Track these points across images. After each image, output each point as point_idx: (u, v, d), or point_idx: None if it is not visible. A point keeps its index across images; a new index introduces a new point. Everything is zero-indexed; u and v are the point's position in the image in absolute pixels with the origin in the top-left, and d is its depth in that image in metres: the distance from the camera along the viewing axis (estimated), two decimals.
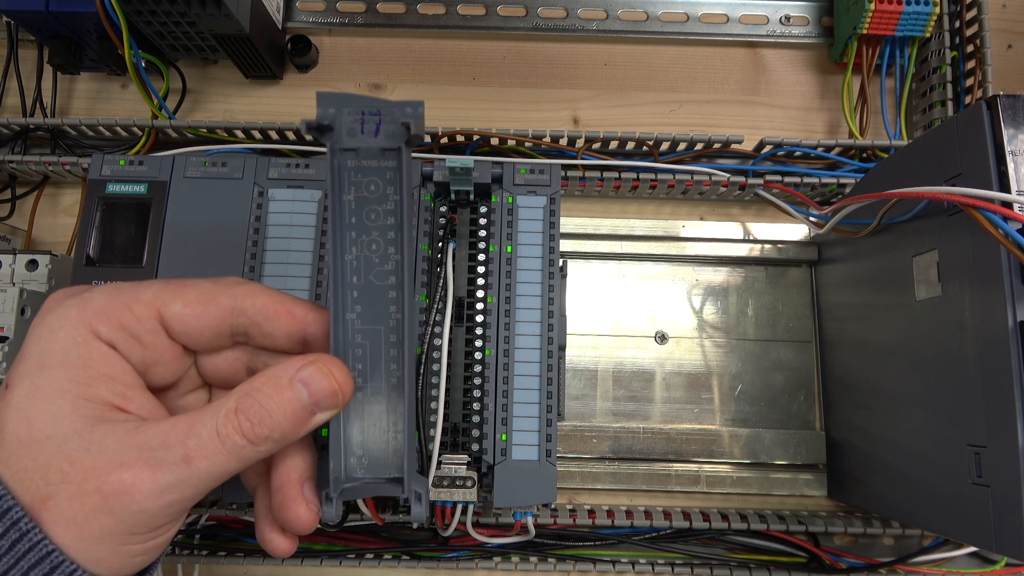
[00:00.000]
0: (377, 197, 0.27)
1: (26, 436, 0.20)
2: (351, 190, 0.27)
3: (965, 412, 0.30)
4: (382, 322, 0.27)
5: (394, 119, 0.26)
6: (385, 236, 0.27)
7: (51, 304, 0.23)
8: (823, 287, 0.47)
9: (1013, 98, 0.29)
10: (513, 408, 0.35)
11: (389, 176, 0.27)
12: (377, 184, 0.27)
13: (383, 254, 0.27)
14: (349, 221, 0.27)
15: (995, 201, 0.28)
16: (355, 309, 0.27)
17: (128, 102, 0.51)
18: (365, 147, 0.26)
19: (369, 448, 0.27)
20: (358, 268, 0.27)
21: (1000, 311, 0.28)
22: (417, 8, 0.51)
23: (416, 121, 0.26)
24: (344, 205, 0.27)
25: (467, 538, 0.39)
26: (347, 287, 0.27)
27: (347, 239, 0.27)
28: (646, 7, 0.52)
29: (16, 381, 0.21)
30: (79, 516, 0.20)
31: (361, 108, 0.26)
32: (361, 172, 0.26)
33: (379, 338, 0.27)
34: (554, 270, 0.37)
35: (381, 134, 0.26)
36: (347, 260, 0.27)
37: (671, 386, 0.47)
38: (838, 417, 0.45)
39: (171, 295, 0.23)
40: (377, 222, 0.27)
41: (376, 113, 0.26)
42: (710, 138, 0.44)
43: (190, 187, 0.37)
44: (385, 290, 0.27)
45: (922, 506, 0.34)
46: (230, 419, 0.22)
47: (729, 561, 0.43)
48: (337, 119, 0.26)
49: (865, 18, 0.46)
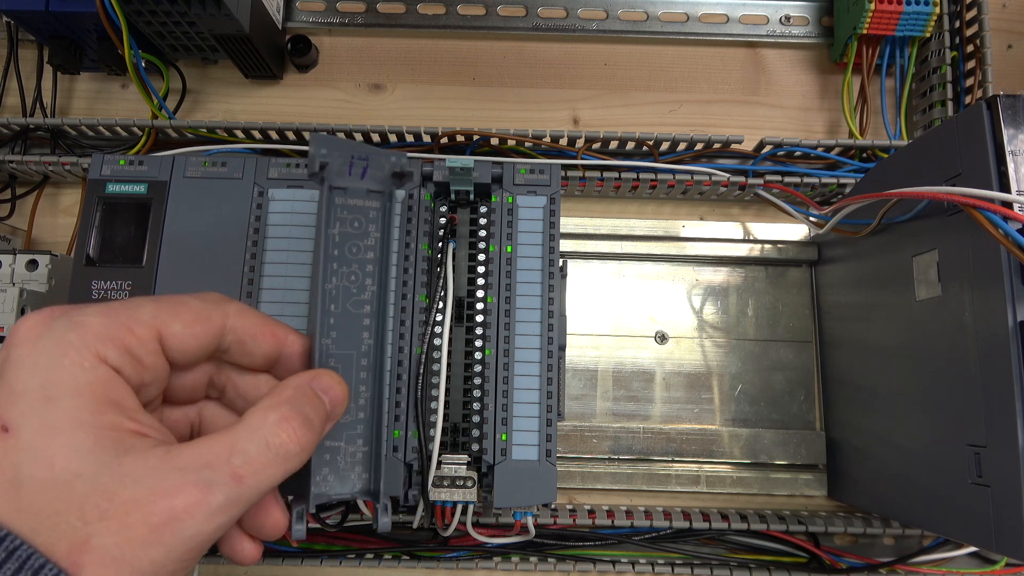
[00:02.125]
0: (359, 233, 0.30)
1: (49, 478, 0.19)
2: (336, 225, 0.30)
3: (965, 412, 0.30)
4: (355, 347, 0.30)
5: (380, 166, 0.29)
6: (364, 269, 0.30)
7: (36, 329, 0.21)
8: (823, 287, 0.47)
9: (1013, 98, 0.29)
10: (513, 408, 0.35)
11: (372, 215, 0.30)
12: (361, 221, 0.30)
13: (360, 285, 0.30)
14: (332, 253, 0.29)
15: (995, 201, 0.28)
16: (331, 335, 0.29)
17: (128, 102, 0.51)
18: (353, 187, 0.29)
19: (338, 465, 0.29)
20: (336, 296, 0.29)
21: (1000, 311, 0.28)
22: (417, 8, 0.51)
23: (403, 167, 0.29)
24: (329, 238, 0.29)
25: (467, 538, 0.39)
26: (325, 313, 0.29)
27: (329, 269, 0.29)
28: (646, 7, 0.52)
29: (20, 419, 0.20)
30: (126, 552, 0.19)
31: (351, 152, 0.29)
32: (347, 210, 0.30)
33: (351, 362, 0.29)
34: (554, 270, 0.37)
35: (368, 178, 0.29)
36: (327, 289, 0.29)
37: (671, 386, 0.47)
38: (838, 417, 0.45)
39: (169, 315, 0.23)
40: (358, 256, 0.30)
41: (364, 158, 0.29)
42: (710, 138, 0.44)
43: (190, 187, 0.37)
44: (360, 318, 0.30)
45: (922, 506, 0.34)
46: (283, 428, 0.22)
47: (729, 561, 0.43)
48: (330, 160, 0.29)
49: (865, 18, 0.46)
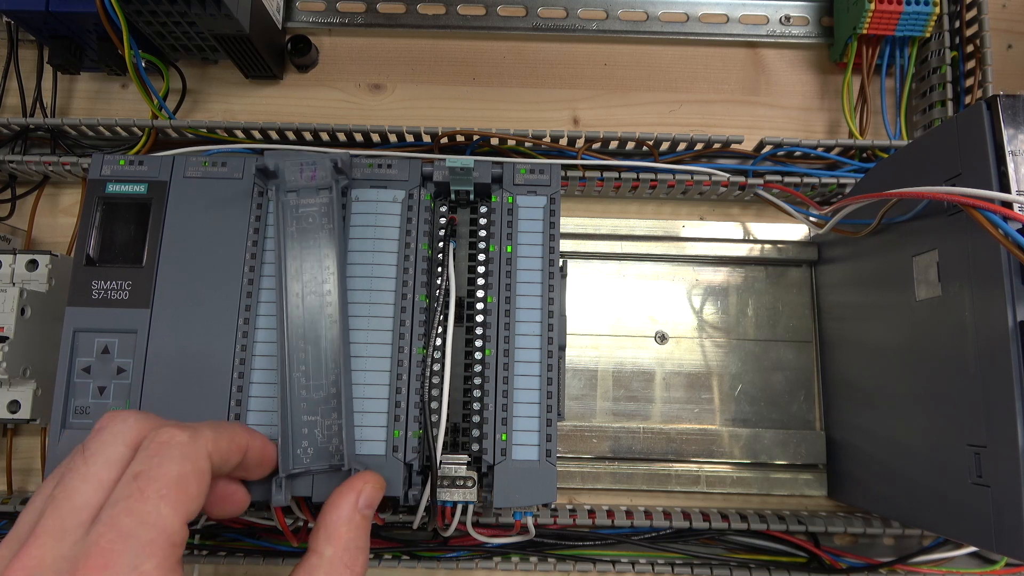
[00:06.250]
0: (314, 227, 0.34)
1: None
2: (293, 223, 0.34)
3: (965, 412, 0.30)
4: (320, 330, 0.33)
5: (325, 165, 0.34)
6: (322, 260, 0.34)
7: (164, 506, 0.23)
8: (823, 287, 0.47)
9: (1013, 98, 0.29)
10: (513, 408, 0.35)
11: (323, 209, 0.35)
12: (314, 217, 0.34)
13: (321, 277, 0.34)
14: (293, 247, 0.34)
15: (995, 201, 0.28)
16: (298, 324, 0.33)
17: (128, 102, 0.51)
18: (304, 187, 0.35)
19: (314, 439, 0.33)
20: (300, 289, 0.34)
21: (1000, 311, 0.28)
22: (417, 8, 0.51)
23: (343, 161, 0.35)
24: (288, 235, 0.34)
25: (467, 538, 0.39)
26: (291, 304, 0.33)
27: (292, 266, 0.34)
28: (646, 7, 0.52)
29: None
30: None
31: (300, 160, 0.35)
32: (301, 207, 0.35)
33: (319, 342, 0.33)
34: (554, 270, 0.37)
35: (317, 179, 0.35)
36: (290, 283, 0.34)
37: (671, 386, 0.47)
38: (838, 417, 0.45)
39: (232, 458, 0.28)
40: (314, 247, 0.34)
41: (312, 163, 0.35)
42: (710, 138, 0.44)
43: (190, 187, 0.37)
44: (324, 304, 0.34)
45: (922, 506, 0.34)
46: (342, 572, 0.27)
47: (729, 561, 0.43)
48: (280, 168, 0.34)
49: (865, 18, 0.46)
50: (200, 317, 0.35)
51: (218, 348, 0.35)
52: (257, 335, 0.35)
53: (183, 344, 0.35)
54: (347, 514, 0.28)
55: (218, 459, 0.26)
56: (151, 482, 0.23)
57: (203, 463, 0.25)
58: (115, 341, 0.35)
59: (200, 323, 0.35)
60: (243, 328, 0.35)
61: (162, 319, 0.35)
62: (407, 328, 0.35)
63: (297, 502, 0.36)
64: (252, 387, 0.35)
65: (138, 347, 0.35)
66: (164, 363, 0.35)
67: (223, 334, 0.35)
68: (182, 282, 0.36)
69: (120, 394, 0.35)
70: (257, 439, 0.30)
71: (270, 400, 0.34)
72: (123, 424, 0.25)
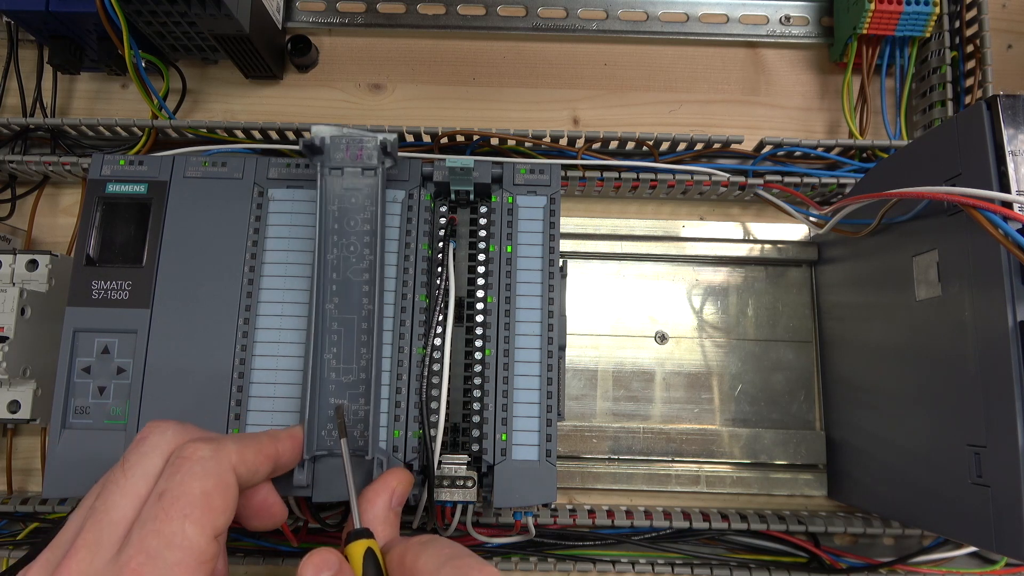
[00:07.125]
0: (356, 207, 0.34)
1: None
2: (335, 201, 0.34)
3: (965, 412, 0.30)
4: (355, 312, 0.33)
5: (372, 145, 0.34)
6: (362, 240, 0.34)
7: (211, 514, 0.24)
8: (823, 287, 0.47)
9: (1013, 98, 0.29)
10: (513, 408, 0.35)
11: (367, 191, 0.34)
12: (357, 197, 0.34)
13: (359, 255, 0.34)
14: (332, 227, 0.34)
15: (995, 201, 0.28)
16: (333, 300, 0.33)
17: (128, 102, 0.51)
18: (349, 166, 0.34)
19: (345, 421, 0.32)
20: (337, 266, 0.33)
21: (1000, 311, 0.28)
22: (417, 8, 0.51)
23: (391, 144, 0.34)
24: (329, 214, 0.34)
25: (467, 538, 0.39)
26: (327, 281, 0.33)
27: (330, 242, 0.34)
28: (646, 7, 0.52)
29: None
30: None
31: (347, 136, 0.34)
32: (344, 188, 0.34)
33: (352, 326, 0.33)
34: (554, 270, 0.37)
35: (363, 158, 0.34)
36: (328, 259, 0.33)
37: (671, 386, 0.47)
38: (838, 417, 0.45)
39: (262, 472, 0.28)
40: (356, 228, 0.34)
41: (360, 142, 0.34)
42: (710, 138, 0.44)
43: (190, 187, 0.37)
44: (359, 284, 0.33)
45: (922, 506, 0.34)
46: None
47: (729, 561, 0.43)
48: (326, 144, 0.34)
49: (865, 18, 0.46)
50: (200, 317, 0.35)
51: (218, 348, 0.35)
52: (257, 335, 0.35)
53: (183, 344, 0.35)
54: (382, 514, 0.30)
55: (244, 471, 0.26)
56: (175, 501, 0.23)
57: (228, 476, 0.25)
58: (115, 341, 0.36)
59: (200, 323, 0.35)
60: (243, 328, 0.35)
61: (162, 319, 0.35)
62: (407, 328, 0.35)
63: (297, 502, 0.37)
64: (252, 387, 0.35)
65: (138, 347, 0.35)
66: (164, 363, 0.35)
67: (223, 334, 0.35)
68: (182, 282, 0.36)
69: (120, 394, 0.35)
70: (285, 443, 0.30)
71: (270, 400, 0.34)
72: (161, 436, 0.25)
